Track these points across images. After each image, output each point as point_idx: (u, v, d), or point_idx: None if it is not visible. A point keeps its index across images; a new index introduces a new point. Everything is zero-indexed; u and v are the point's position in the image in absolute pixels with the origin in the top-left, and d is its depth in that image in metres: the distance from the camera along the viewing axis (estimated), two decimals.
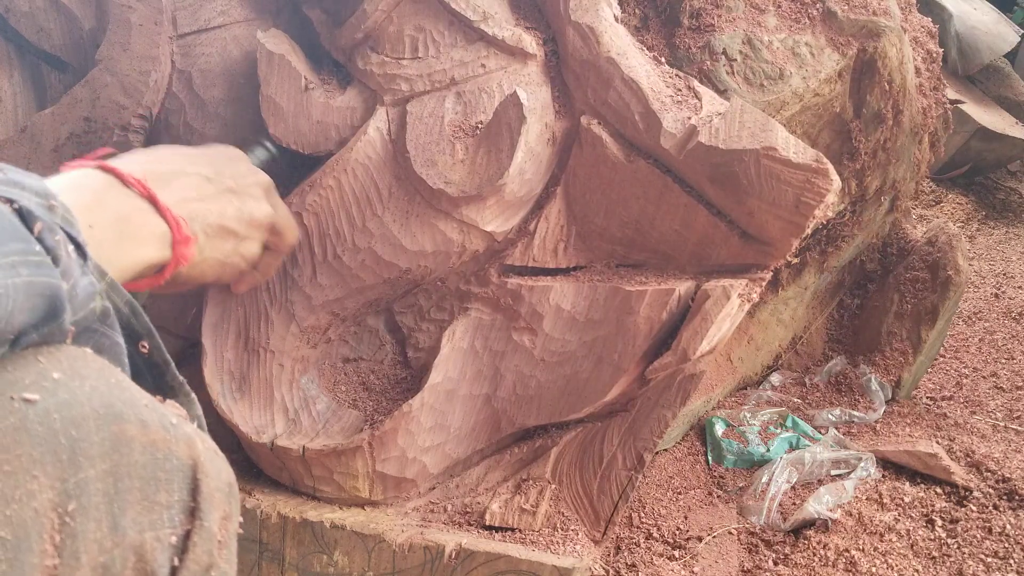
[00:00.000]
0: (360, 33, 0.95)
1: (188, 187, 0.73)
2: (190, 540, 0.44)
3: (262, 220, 0.81)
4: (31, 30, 1.04)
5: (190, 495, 0.45)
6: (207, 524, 0.45)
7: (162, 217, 0.67)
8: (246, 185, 0.81)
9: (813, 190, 0.84)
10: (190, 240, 0.70)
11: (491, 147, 0.90)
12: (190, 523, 0.44)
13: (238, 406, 0.95)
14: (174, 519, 0.44)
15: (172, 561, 0.43)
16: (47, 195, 0.49)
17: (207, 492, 0.45)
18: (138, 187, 0.66)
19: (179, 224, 0.69)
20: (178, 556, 0.44)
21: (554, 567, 0.86)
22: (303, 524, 0.92)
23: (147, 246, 0.66)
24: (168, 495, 0.43)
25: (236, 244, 0.78)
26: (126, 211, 0.65)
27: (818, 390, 1.38)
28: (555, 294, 0.93)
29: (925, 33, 1.35)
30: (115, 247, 0.62)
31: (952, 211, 2.63)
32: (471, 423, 0.96)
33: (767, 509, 1.08)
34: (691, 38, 1.11)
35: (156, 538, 0.42)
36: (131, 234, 0.64)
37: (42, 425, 0.39)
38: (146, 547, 0.42)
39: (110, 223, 0.62)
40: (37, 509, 0.38)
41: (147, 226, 0.66)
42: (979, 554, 1.01)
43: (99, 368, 0.44)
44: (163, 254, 0.68)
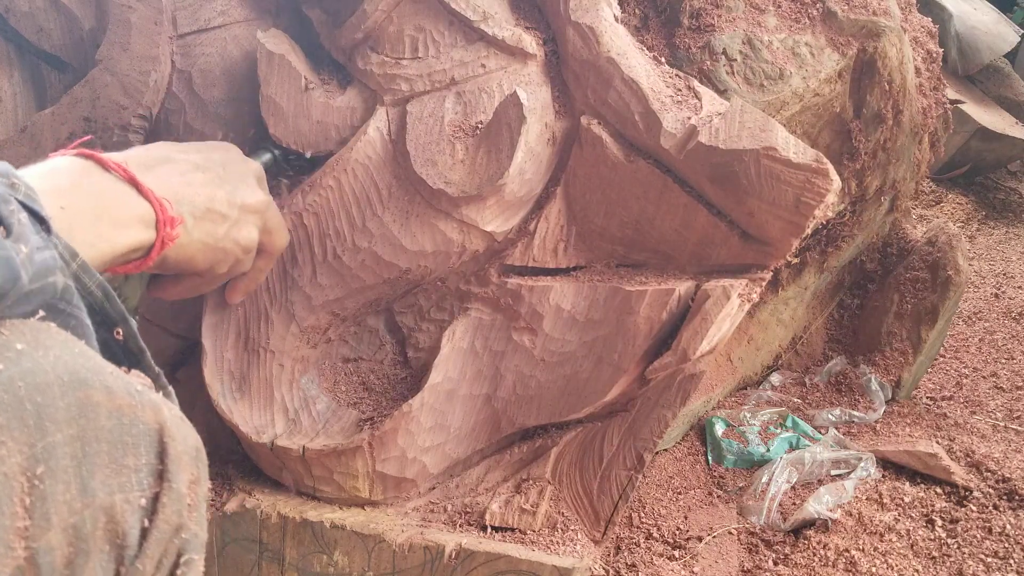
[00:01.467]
0: (360, 33, 0.95)
1: (174, 172, 0.72)
2: (159, 502, 0.45)
3: (255, 205, 0.80)
4: (31, 30, 1.04)
5: (157, 458, 0.46)
6: (176, 486, 0.46)
7: (144, 199, 0.66)
8: (237, 172, 0.79)
9: (813, 190, 0.84)
10: (175, 221, 0.69)
11: (491, 147, 0.90)
12: (159, 486, 0.45)
13: (238, 406, 0.95)
14: (143, 482, 0.44)
15: (142, 522, 0.44)
16: (8, 175, 0.50)
17: (174, 455, 0.46)
18: (118, 170, 0.65)
19: (163, 204, 0.67)
20: (148, 518, 0.45)
21: (554, 567, 0.86)
22: (303, 524, 0.92)
23: (129, 228, 0.65)
24: (136, 459, 0.44)
25: (228, 228, 0.76)
26: (105, 193, 0.64)
27: (818, 390, 1.38)
28: (555, 294, 0.93)
29: (925, 33, 1.35)
30: (92, 229, 0.61)
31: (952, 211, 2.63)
32: (471, 423, 0.96)
33: (767, 509, 1.08)
34: (691, 38, 1.11)
35: (126, 500, 0.43)
36: (110, 216, 0.63)
37: (7, 393, 0.40)
38: (116, 509, 0.43)
39: (86, 205, 0.61)
40: (6, 473, 0.39)
41: (128, 208, 0.65)
42: (979, 554, 1.01)
43: (63, 340, 0.45)
44: (147, 236, 0.66)
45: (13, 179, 0.49)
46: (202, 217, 0.73)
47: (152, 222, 0.67)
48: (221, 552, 0.95)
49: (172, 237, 0.69)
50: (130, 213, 0.65)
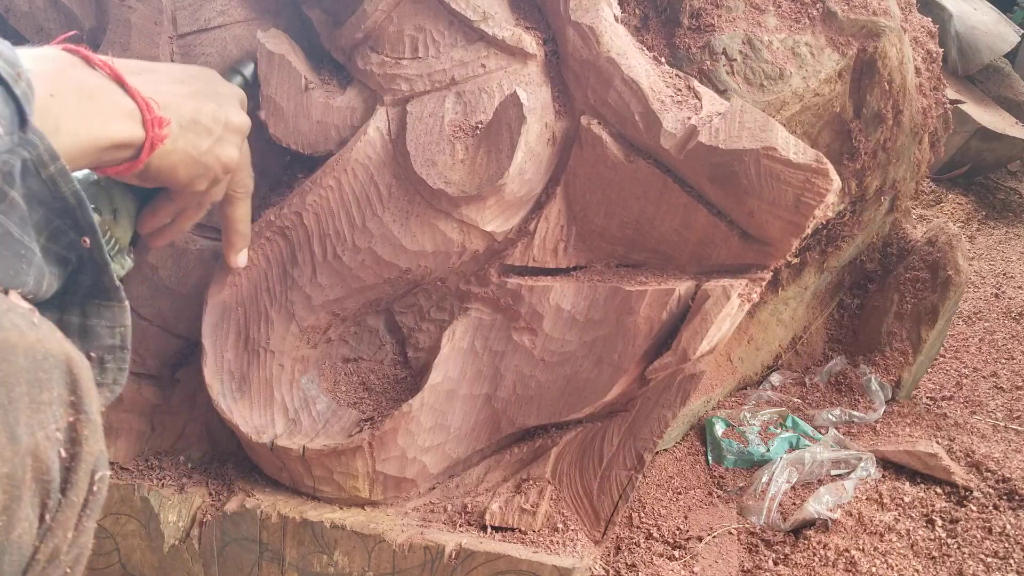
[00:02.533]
0: (360, 33, 0.95)
1: (160, 80, 0.71)
2: (79, 433, 0.45)
3: (239, 125, 0.79)
4: (31, 30, 1.04)
5: (69, 390, 0.45)
6: (92, 416, 0.46)
7: (130, 97, 0.65)
8: (221, 93, 0.79)
9: (813, 190, 0.84)
10: (164, 121, 0.68)
11: (491, 147, 0.90)
12: (73, 415, 0.45)
13: (238, 406, 0.95)
14: (56, 414, 0.44)
15: (59, 454, 0.44)
16: (16, 65, 0.50)
17: (85, 384, 0.46)
18: (104, 67, 0.65)
19: (149, 104, 0.67)
20: (65, 448, 0.45)
21: (554, 567, 0.86)
22: (303, 524, 0.92)
23: (115, 122, 0.64)
24: (49, 393, 0.44)
25: (212, 143, 0.75)
26: (91, 86, 0.63)
27: (818, 390, 1.38)
28: (555, 294, 0.93)
29: (925, 33, 1.35)
30: (78, 118, 0.61)
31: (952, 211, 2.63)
32: (471, 423, 0.96)
33: (767, 509, 1.08)
34: (691, 38, 1.11)
35: (46, 436, 0.43)
36: (96, 108, 0.62)
37: None
38: (39, 448, 0.43)
39: (73, 93, 0.61)
40: None
41: (114, 103, 0.64)
42: (979, 554, 1.01)
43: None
44: (134, 132, 0.66)
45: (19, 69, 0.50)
46: (187, 127, 0.72)
47: (139, 119, 0.66)
48: (221, 552, 0.95)
49: (161, 137, 0.68)
50: (115, 108, 0.64)
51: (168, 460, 1.03)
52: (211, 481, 1.00)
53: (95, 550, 0.98)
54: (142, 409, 1.03)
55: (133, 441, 1.03)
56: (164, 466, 1.02)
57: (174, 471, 1.01)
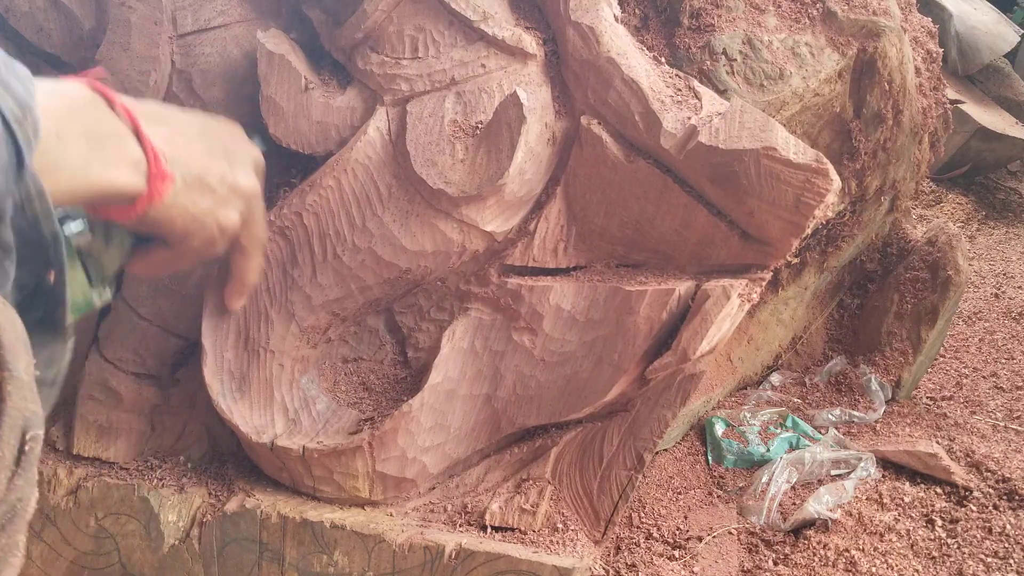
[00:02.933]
0: (360, 33, 0.95)
1: (177, 133, 0.72)
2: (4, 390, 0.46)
3: (246, 190, 0.79)
4: (31, 30, 1.04)
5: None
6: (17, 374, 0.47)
7: (141, 146, 0.66)
8: (237, 153, 0.79)
9: (813, 190, 0.84)
10: (167, 176, 0.69)
11: (491, 147, 0.90)
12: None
13: (238, 406, 0.95)
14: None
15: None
16: (26, 106, 0.51)
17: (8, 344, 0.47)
18: (123, 112, 0.65)
19: (157, 156, 0.67)
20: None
21: (554, 567, 0.86)
22: (303, 524, 0.92)
23: (118, 169, 0.65)
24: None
25: (213, 204, 0.76)
26: (103, 129, 0.64)
27: (818, 390, 1.38)
28: (555, 294, 0.93)
29: (925, 33, 1.35)
30: (80, 161, 0.61)
31: (952, 211, 2.63)
32: (471, 423, 0.96)
33: (767, 509, 1.08)
34: (691, 38, 1.11)
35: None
36: (102, 152, 0.63)
37: None
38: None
39: (80, 137, 0.62)
40: None
41: (122, 149, 0.65)
42: (979, 554, 1.01)
43: None
44: (135, 182, 0.66)
45: (27, 112, 0.51)
46: (192, 185, 0.73)
47: (143, 171, 0.67)
48: (221, 552, 0.95)
49: (161, 192, 0.69)
50: (123, 155, 0.65)
51: (168, 460, 1.03)
52: (211, 481, 1.00)
53: (95, 550, 0.98)
54: (142, 409, 1.03)
55: (133, 441, 1.03)
56: (164, 466, 1.02)
57: (174, 471, 1.01)
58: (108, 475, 1.00)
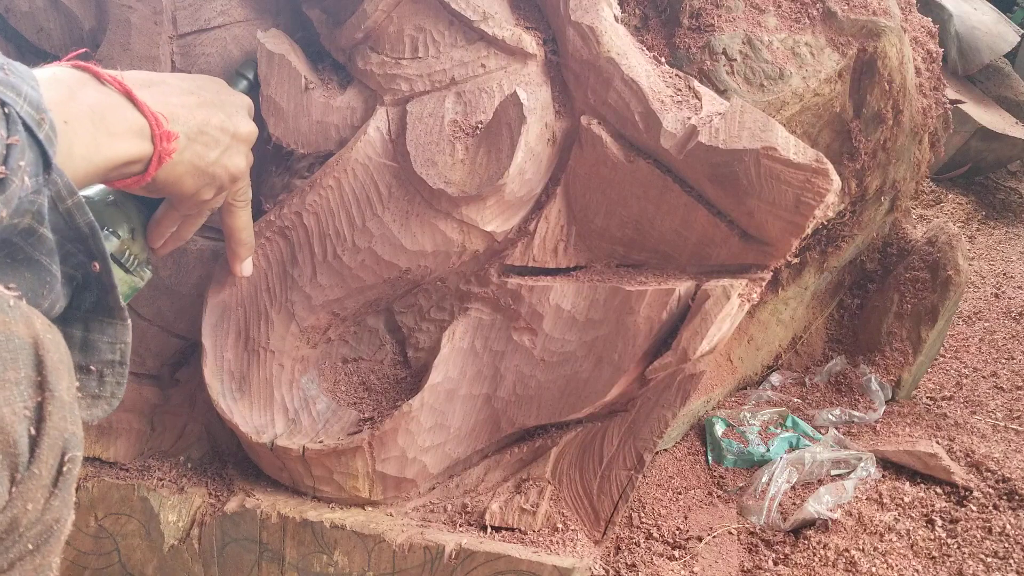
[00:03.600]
0: (360, 33, 0.95)
1: (168, 93, 0.73)
2: (45, 410, 0.47)
3: (246, 135, 0.81)
4: (31, 30, 1.04)
5: (35, 370, 0.48)
6: (58, 394, 0.48)
7: (139, 112, 0.67)
8: (229, 102, 0.80)
9: (813, 190, 0.84)
10: (172, 135, 0.70)
11: (491, 147, 0.90)
12: (40, 395, 0.47)
13: (238, 406, 0.95)
14: (24, 393, 0.46)
15: (29, 431, 0.46)
16: (40, 109, 0.52)
17: (51, 366, 0.48)
18: (114, 83, 0.66)
19: (158, 119, 0.68)
20: (34, 426, 0.47)
21: (554, 567, 0.86)
22: (303, 524, 0.92)
23: (125, 140, 0.66)
24: (16, 372, 0.46)
25: (219, 153, 0.77)
26: (101, 105, 0.64)
27: (818, 390, 1.38)
28: (555, 294, 0.93)
29: (925, 33, 1.35)
30: (90, 141, 0.62)
31: (952, 211, 2.63)
32: (471, 423, 0.96)
33: (767, 509, 1.08)
34: (691, 38, 1.11)
35: (13, 412, 0.45)
36: (106, 127, 0.64)
37: None
38: (6, 422, 0.45)
39: (84, 116, 0.62)
40: None
41: (124, 120, 0.66)
42: (979, 554, 1.01)
43: None
44: (143, 148, 0.67)
45: (43, 114, 0.52)
46: (195, 139, 0.74)
47: (148, 135, 0.68)
48: (221, 552, 0.95)
49: (169, 151, 0.70)
50: (126, 125, 0.66)
51: (168, 460, 1.03)
52: (211, 481, 1.00)
53: (95, 550, 0.98)
54: (142, 409, 1.03)
55: (133, 441, 1.03)
56: (164, 466, 1.02)
57: (174, 471, 1.01)
58: (108, 475, 1.00)
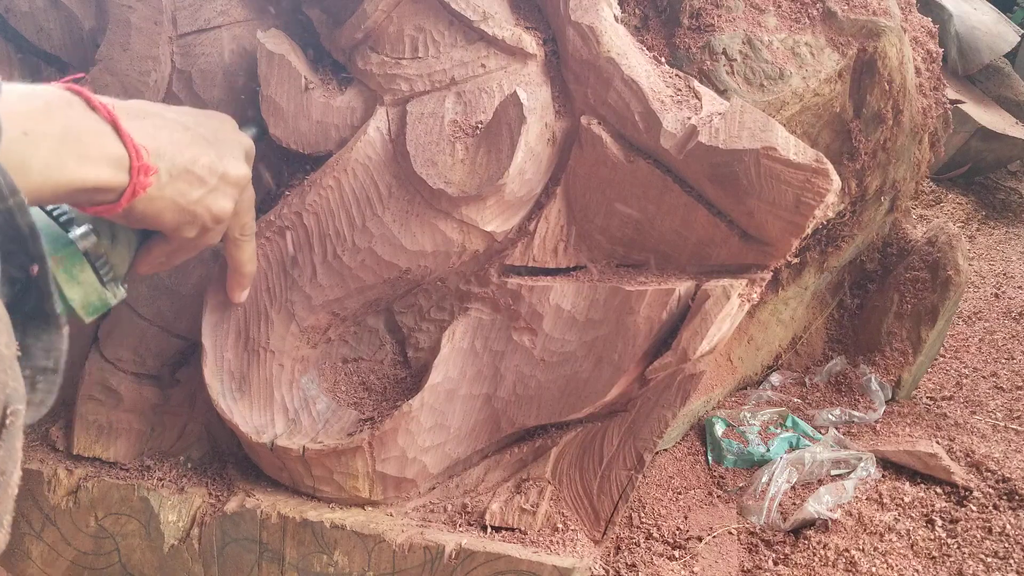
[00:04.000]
0: (360, 33, 0.95)
1: (160, 127, 0.72)
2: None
3: (237, 178, 0.79)
4: (31, 30, 1.04)
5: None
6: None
7: (121, 142, 0.67)
8: (226, 141, 0.79)
9: (813, 190, 0.84)
10: (150, 169, 0.69)
11: (491, 147, 0.90)
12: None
13: (238, 406, 0.95)
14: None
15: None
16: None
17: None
18: (102, 110, 0.66)
19: (139, 151, 0.68)
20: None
21: (554, 567, 0.86)
22: (303, 524, 0.92)
23: (97, 166, 0.65)
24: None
25: (203, 194, 0.76)
26: (79, 128, 0.64)
27: (818, 390, 1.38)
28: (555, 294, 0.93)
29: (925, 33, 1.35)
30: (52, 158, 0.62)
31: (952, 211, 2.63)
32: (471, 423, 0.96)
33: (767, 509, 1.08)
34: (691, 38, 1.11)
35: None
36: (79, 150, 0.64)
37: None
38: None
39: (53, 134, 0.62)
40: None
41: (102, 147, 0.66)
42: (979, 554, 1.01)
43: None
44: (116, 178, 0.67)
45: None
46: (178, 176, 0.73)
47: (125, 166, 0.67)
48: (221, 552, 0.95)
49: (144, 185, 0.69)
50: (102, 152, 0.66)
51: (168, 460, 1.03)
52: (211, 481, 1.00)
53: (95, 550, 0.98)
54: (142, 409, 1.03)
55: (133, 441, 1.03)
56: (164, 466, 1.02)
57: (174, 471, 1.01)
58: (108, 475, 1.00)
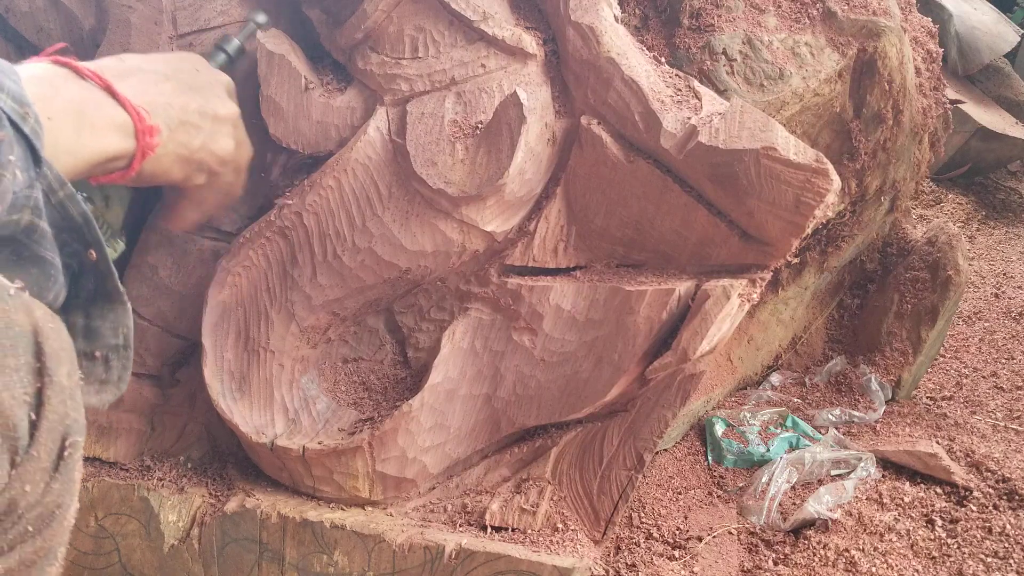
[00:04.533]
0: (360, 33, 0.95)
1: (146, 82, 0.73)
2: (44, 395, 0.48)
3: (227, 116, 0.80)
4: (31, 30, 1.04)
5: (35, 357, 0.48)
6: (57, 380, 0.49)
7: (122, 107, 0.67)
8: (206, 83, 0.80)
9: (813, 190, 0.84)
10: (155, 129, 0.70)
11: (491, 147, 0.90)
12: (40, 381, 0.48)
13: (238, 406, 0.95)
14: (24, 379, 0.47)
15: (30, 416, 0.47)
16: (23, 103, 0.53)
17: (51, 352, 0.49)
18: (94, 78, 0.66)
19: (139, 114, 0.68)
20: (34, 411, 0.48)
21: (554, 567, 0.86)
22: (303, 524, 0.92)
23: (107, 135, 0.66)
24: (15, 359, 0.47)
25: (203, 139, 0.76)
26: (83, 101, 0.64)
27: (818, 390, 1.38)
28: (555, 294, 0.93)
29: (925, 33, 1.35)
30: (74, 137, 0.63)
31: (952, 211, 2.63)
32: (471, 423, 0.96)
33: (767, 509, 1.08)
34: (691, 38, 1.11)
35: (12, 396, 0.46)
36: (89, 124, 0.64)
37: None
38: (4, 404, 0.45)
39: (67, 113, 0.62)
40: None
41: (106, 116, 0.66)
42: (979, 554, 1.01)
43: None
44: (126, 144, 0.67)
45: (26, 108, 0.53)
46: (176, 129, 0.74)
47: (131, 131, 0.68)
48: (221, 552, 0.95)
49: (151, 147, 0.70)
50: (108, 121, 0.66)
51: (168, 460, 1.03)
52: (211, 481, 1.00)
53: (95, 550, 0.98)
54: (142, 409, 1.03)
55: (133, 441, 1.03)
56: (164, 466, 1.02)
57: (174, 471, 1.01)
58: (108, 475, 0.99)
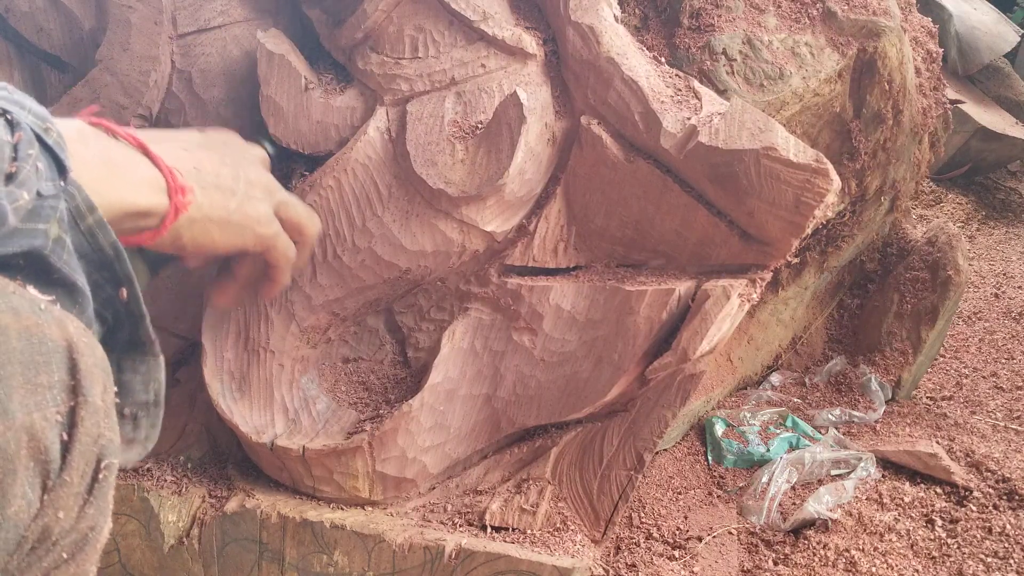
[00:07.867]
0: (360, 33, 0.95)
1: (180, 148, 0.73)
2: (77, 415, 0.46)
3: (260, 181, 0.80)
4: (31, 30, 1.04)
5: (69, 374, 0.47)
6: (91, 399, 0.47)
7: (154, 165, 0.66)
8: (240, 153, 0.80)
9: (813, 190, 0.84)
10: (187, 189, 0.69)
11: (491, 147, 0.90)
12: (73, 400, 0.46)
13: (238, 406, 0.95)
14: (57, 398, 0.45)
15: (61, 436, 0.45)
16: (45, 119, 0.52)
17: (85, 369, 0.47)
18: (127, 138, 0.66)
19: (172, 172, 0.67)
20: (67, 431, 0.46)
21: (554, 567, 0.86)
22: (303, 524, 0.92)
23: (138, 190, 0.64)
24: (48, 376, 0.45)
25: (238, 202, 0.76)
26: (115, 155, 0.64)
27: (818, 390, 1.38)
28: (555, 294, 0.93)
29: (925, 33, 1.35)
30: (104, 182, 0.61)
31: (952, 211, 2.63)
32: (471, 423, 0.96)
33: (767, 509, 1.08)
34: (691, 38, 1.11)
35: (44, 417, 0.44)
36: (120, 176, 0.63)
37: None
38: (36, 427, 0.44)
39: (98, 162, 0.61)
40: None
41: (137, 171, 0.65)
42: (979, 554, 1.01)
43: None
44: (157, 200, 0.66)
45: (48, 124, 0.52)
46: (210, 191, 0.73)
47: (162, 188, 0.67)
48: (221, 552, 0.95)
49: (184, 205, 0.68)
50: (138, 176, 0.65)
51: (168, 460, 1.03)
52: (211, 481, 1.00)
53: None
54: None
55: None
56: (164, 466, 1.02)
57: (174, 471, 1.01)
58: None
